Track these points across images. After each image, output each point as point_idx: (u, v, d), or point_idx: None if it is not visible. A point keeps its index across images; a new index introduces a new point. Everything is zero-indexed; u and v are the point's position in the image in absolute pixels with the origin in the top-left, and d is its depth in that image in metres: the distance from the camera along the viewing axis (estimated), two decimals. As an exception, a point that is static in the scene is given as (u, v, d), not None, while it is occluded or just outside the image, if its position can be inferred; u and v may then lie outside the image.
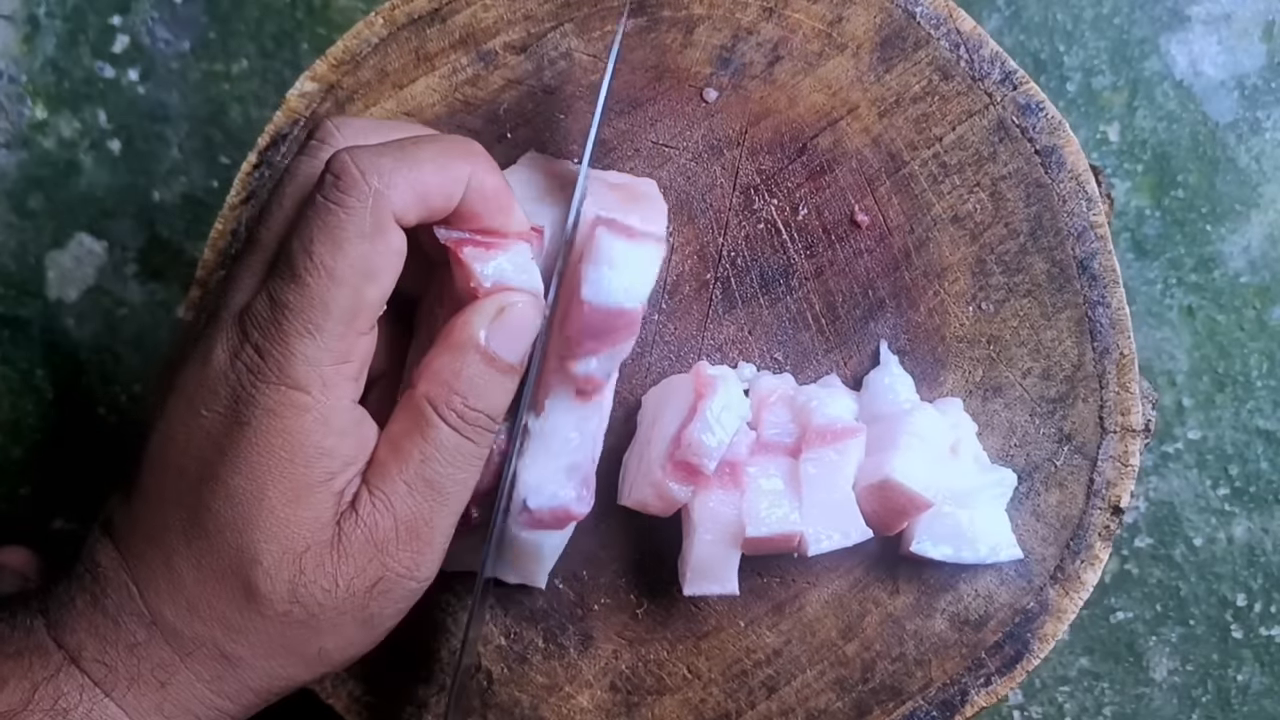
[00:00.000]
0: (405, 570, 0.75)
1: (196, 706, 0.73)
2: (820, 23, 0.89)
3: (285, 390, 0.70)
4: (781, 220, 0.89)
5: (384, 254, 0.71)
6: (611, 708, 0.89)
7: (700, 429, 0.81)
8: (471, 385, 0.75)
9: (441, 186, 0.73)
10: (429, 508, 0.75)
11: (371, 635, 0.77)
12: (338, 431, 0.72)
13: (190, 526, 0.72)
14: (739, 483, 0.83)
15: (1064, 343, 0.89)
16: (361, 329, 0.72)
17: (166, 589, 0.72)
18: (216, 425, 0.71)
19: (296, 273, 0.69)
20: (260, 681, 0.74)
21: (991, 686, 0.88)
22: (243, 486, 0.71)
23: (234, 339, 0.71)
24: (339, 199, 0.69)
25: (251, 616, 0.72)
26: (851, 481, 0.84)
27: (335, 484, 0.72)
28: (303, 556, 0.72)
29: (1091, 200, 0.88)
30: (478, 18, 0.90)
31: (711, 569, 0.84)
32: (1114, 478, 0.88)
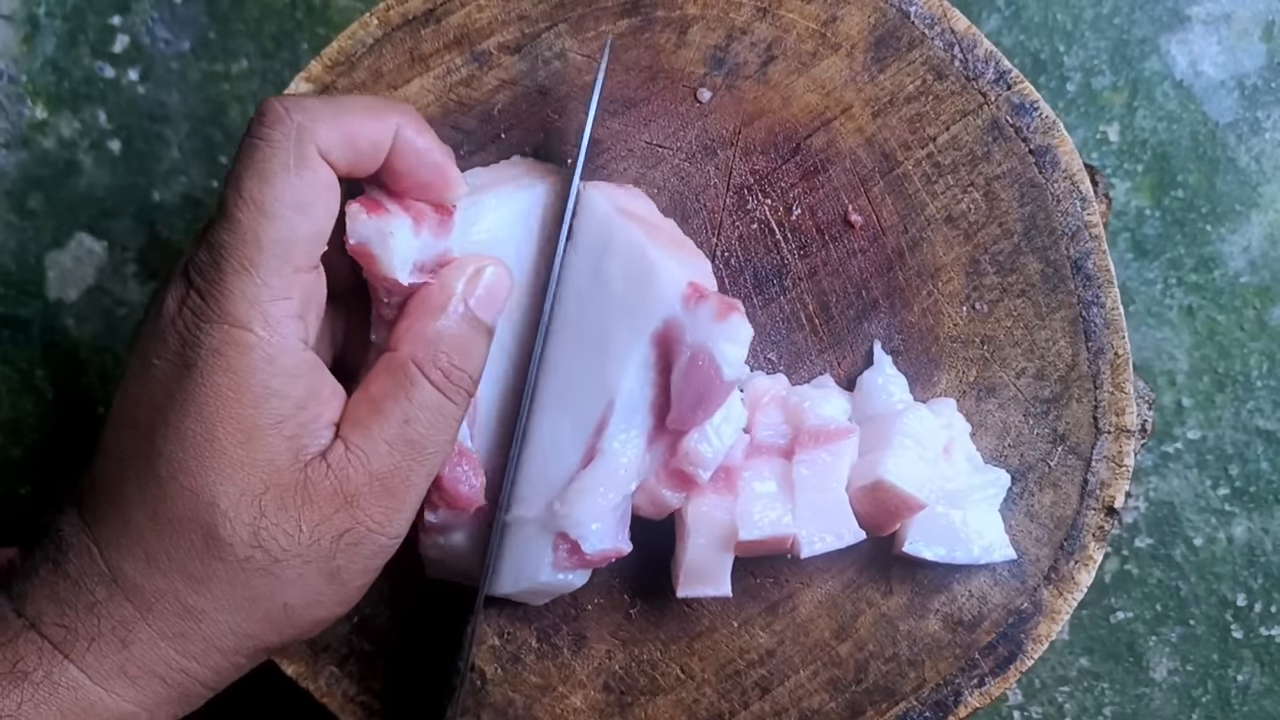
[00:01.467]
0: (376, 524, 0.74)
1: (161, 667, 0.72)
2: (814, 22, 0.89)
3: (227, 328, 0.70)
4: (775, 220, 0.89)
5: (311, 186, 0.72)
6: (605, 708, 0.89)
7: (699, 439, 0.81)
8: (456, 345, 0.77)
9: (368, 130, 0.75)
10: (408, 466, 0.75)
11: (338, 594, 0.76)
12: (285, 371, 0.72)
13: (145, 476, 0.71)
14: (733, 487, 0.83)
15: (1058, 343, 0.89)
16: (299, 264, 0.72)
17: (126, 544, 0.71)
18: (166, 372, 0.72)
19: (228, 211, 0.71)
20: (225, 639, 0.73)
21: (985, 687, 0.88)
22: (192, 428, 0.70)
23: (180, 287, 0.72)
24: (263, 134, 0.71)
25: (212, 564, 0.71)
26: (845, 483, 0.84)
27: (287, 428, 0.72)
28: (262, 498, 0.71)
29: (1086, 200, 0.88)
30: (472, 18, 0.90)
31: (705, 571, 0.84)
32: (1108, 478, 0.88)
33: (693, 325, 0.79)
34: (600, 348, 0.82)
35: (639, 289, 0.80)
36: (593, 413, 0.82)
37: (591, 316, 0.82)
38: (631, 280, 0.81)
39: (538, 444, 0.83)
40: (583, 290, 0.82)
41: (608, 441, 0.81)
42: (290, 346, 0.72)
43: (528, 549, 0.83)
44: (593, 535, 0.81)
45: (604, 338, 0.81)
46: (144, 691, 0.72)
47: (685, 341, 0.79)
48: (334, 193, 0.74)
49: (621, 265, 0.81)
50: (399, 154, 0.77)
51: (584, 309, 0.82)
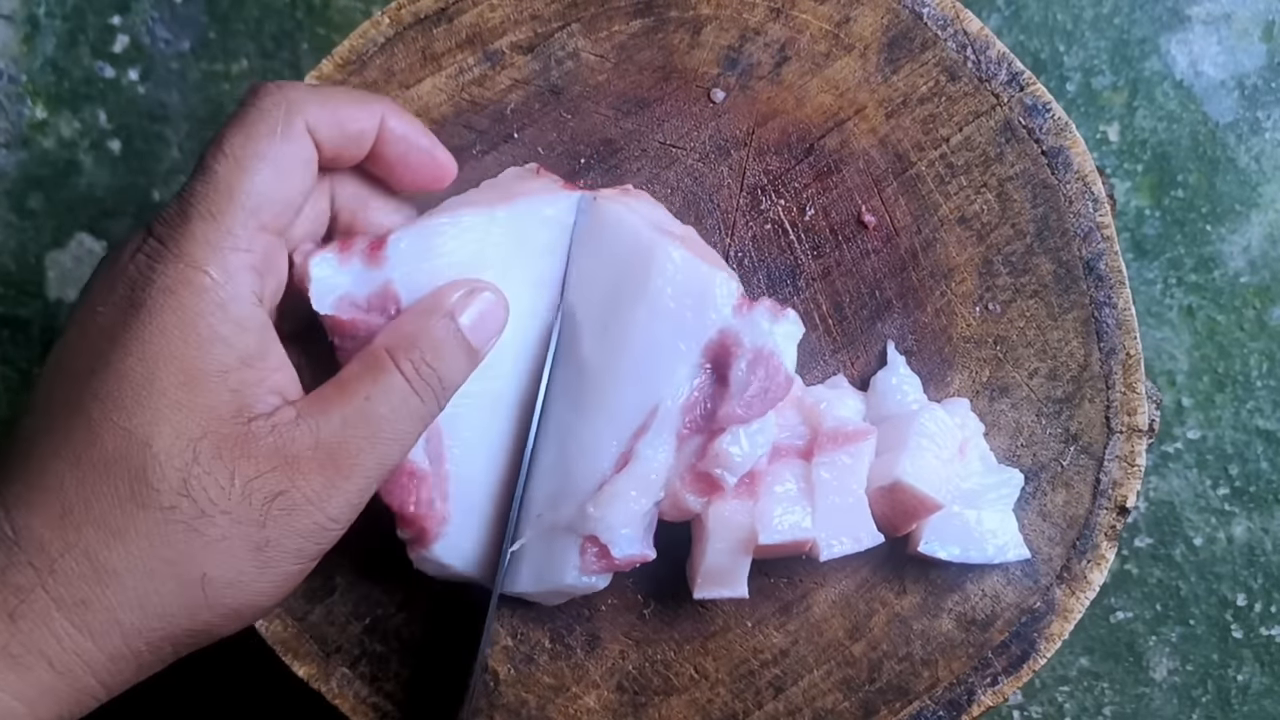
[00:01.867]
0: (314, 494, 0.72)
1: (51, 646, 0.67)
2: (827, 23, 0.89)
3: (183, 268, 0.70)
4: (789, 221, 0.89)
5: (293, 155, 0.73)
6: (618, 708, 0.89)
7: (731, 441, 0.81)
8: (432, 345, 0.76)
9: (354, 115, 0.76)
10: (358, 442, 0.73)
11: (262, 576, 0.72)
12: (235, 320, 0.71)
13: (74, 421, 0.69)
14: (754, 491, 0.84)
15: (1070, 343, 0.89)
16: (265, 222, 0.73)
17: (39, 499, 0.68)
18: (112, 316, 0.71)
19: (205, 165, 0.71)
20: (129, 614, 0.68)
21: (998, 686, 0.88)
22: (134, 368, 0.69)
23: (139, 237, 0.72)
24: (254, 101, 0.73)
25: (134, 512, 0.68)
26: (864, 485, 0.85)
27: (230, 379, 0.71)
28: (198, 444, 0.69)
29: (1098, 201, 0.88)
30: (484, 18, 0.90)
31: (722, 574, 0.84)
32: (1120, 478, 0.89)
33: (750, 329, 0.81)
34: (644, 357, 0.82)
35: (693, 302, 0.82)
36: (634, 419, 0.82)
37: (635, 327, 0.82)
38: (683, 294, 0.82)
39: (564, 450, 0.83)
40: (617, 302, 0.83)
41: (644, 446, 0.81)
42: (243, 296, 0.72)
43: (553, 551, 0.83)
44: (622, 540, 0.82)
45: (650, 347, 0.82)
46: (27, 678, 0.67)
47: (744, 345, 0.81)
48: (312, 171, 0.75)
49: (668, 280, 0.82)
50: (386, 142, 0.78)
51: (622, 321, 0.82)
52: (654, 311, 0.82)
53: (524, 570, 0.85)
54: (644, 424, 0.82)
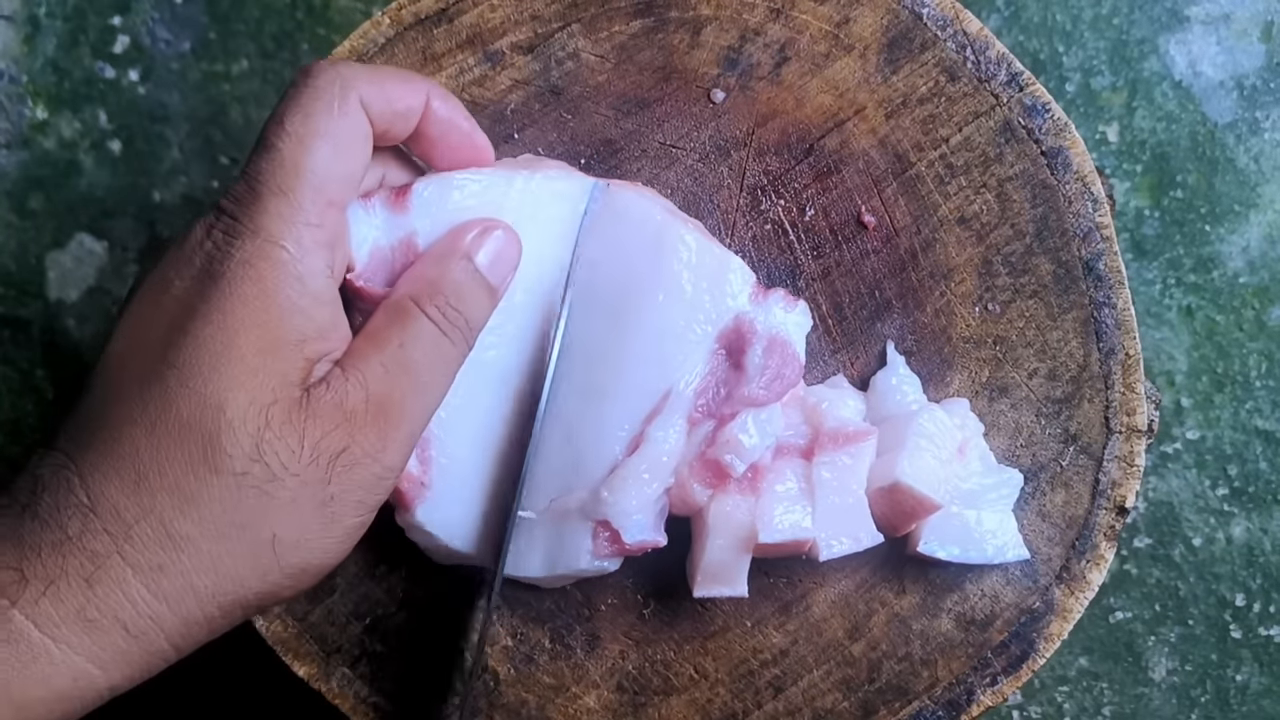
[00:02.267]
0: (371, 447, 0.73)
1: (127, 611, 0.68)
2: (827, 24, 0.89)
3: (261, 242, 0.71)
4: (788, 221, 0.89)
5: (351, 129, 0.74)
6: (618, 708, 0.90)
7: (740, 428, 0.82)
8: (455, 288, 0.78)
9: (403, 93, 0.77)
10: (401, 390, 0.75)
11: (327, 533, 0.73)
12: (312, 294, 0.73)
13: (149, 389, 0.70)
14: (756, 487, 0.84)
15: (1070, 343, 0.89)
16: (332, 197, 0.73)
17: (113, 465, 0.69)
18: (188, 288, 0.72)
19: (269, 143, 0.72)
20: (204, 578, 0.69)
21: (997, 686, 0.88)
22: (213, 335, 0.70)
23: (211, 216, 0.73)
24: (308, 80, 0.73)
25: (207, 478, 0.69)
26: (864, 485, 0.85)
27: (307, 349, 0.72)
28: (270, 409, 0.70)
29: (1097, 201, 0.89)
30: (485, 18, 0.90)
31: (722, 572, 0.84)
32: (1119, 478, 0.89)
33: (764, 315, 0.82)
34: (659, 340, 0.83)
35: (709, 286, 0.83)
36: (646, 402, 0.83)
37: (649, 311, 0.83)
38: (701, 278, 0.83)
39: (572, 434, 0.84)
40: (630, 286, 0.84)
41: (655, 429, 0.82)
42: (318, 270, 0.73)
43: (564, 536, 0.84)
44: (634, 525, 0.82)
45: (664, 330, 0.83)
46: (102, 641, 0.68)
47: (758, 331, 0.82)
48: (369, 145, 0.76)
49: (684, 264, 0.83)
50: (430, 120, 0.79)
51: (635, 305, 0.83)
52: (670, 295, 0.83)
53: (535, 555, 0.85)
54: (657, 407, 0.82)
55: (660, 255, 0.83)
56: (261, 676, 0.82)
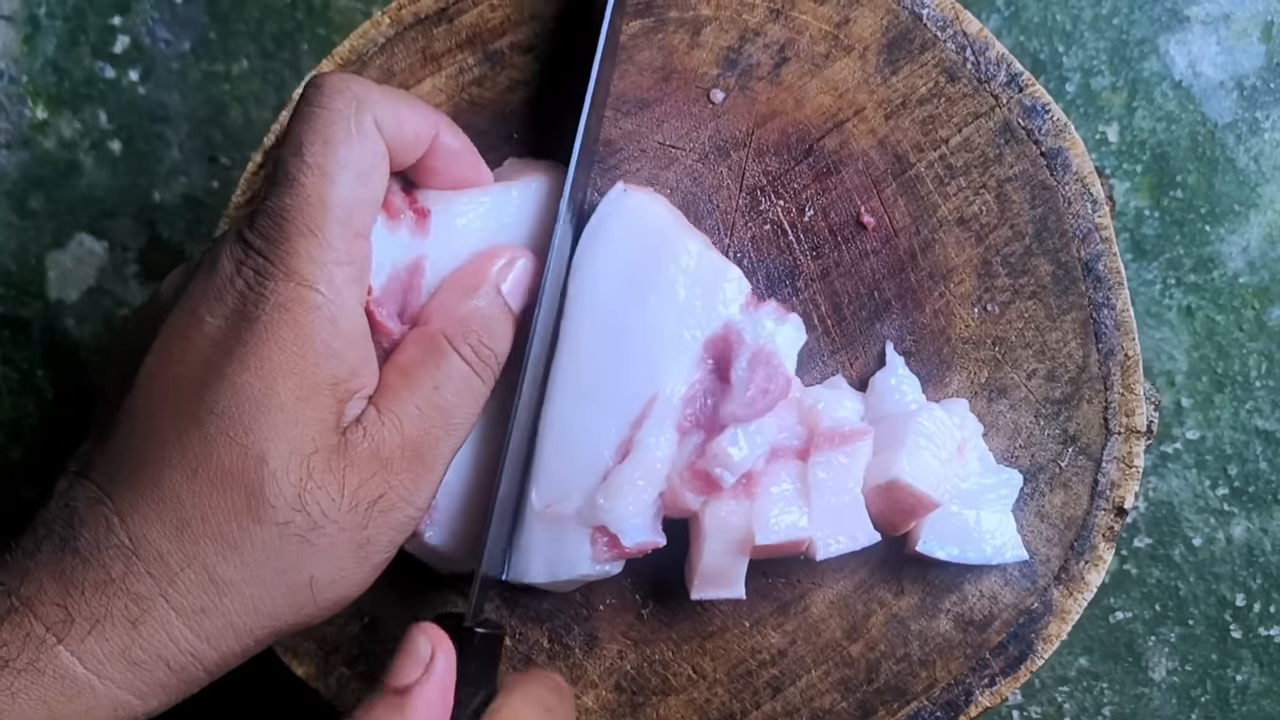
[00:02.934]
0: (407, 491, 0.74)
1: (170, 650, 0.69)
2: (827, 24, 0.89)
3: (294, 286, 0.71)
4: (788, 221, 0.89)
5: (371, 154, 0.74)
6: (617, 708, 0.90)
7: (730, 440, 0.82)
8: (486, 324, 0.79)
9: (415, 122, 0.77)
10: (436, 433, 0.76)
11: (360, 569, 0.75)
12: (346, 335, 0.73)
13: (188, 434, 0.70)
14: (751, 492, 0.84)
15: (1069, 344, 0.89)
16: (359, 229, 0.74)
17: (154, 510, 0.69)
18: (221, 329, 0.71)
19: (291, 176, 0.71)
20: (244, 618, 0.71)
21: (995, 687, 0.88)
22: (251, 383, 0.70)
23: (237, 250, 0.72)
24: (325, 103, 0.73)
25: (250, 527, 0.69)
26: (860, 484, 0.85)
27: (340, 391, 0.73)
28: (311, 459, 0.71)
29: (1097, 202, 0.89)
30: (485, 18, 0.90)
31: (719, 574, 0.84)
32: (1118, 479, 0.89)
33: (753, 327, 0.82)
34: (646, 346, 0.83)
35: (702, 293, 0.83)
36: (632, 407, 0.83)
37: (641, 315, 0.83)
38: (696, 284, 0.83)
39: (565, 440, 0.84)
40: (628, 290, 0.84)
41: (645, 435, 0.82)
42: (352, 310, 0.73)
43: (565, 542, 0.84)
44: (631, 528, 0.82)
45: (654, 335, 0.83)
46: (144, 677, 0.69)
47: (745, 342, 0.82)
48: (386, 165, 0.76)
49: (681, 270, 0.83)
50: (437, 154, 0.80)
51: (630, 309, 0.83)
52: (663, 300, 0.83)
53: (537, 561, 0.85)
54: (643, 412, 0.82)
55: (660, 260, 0.83)
56: (260, 676, 0.82)
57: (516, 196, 0.84)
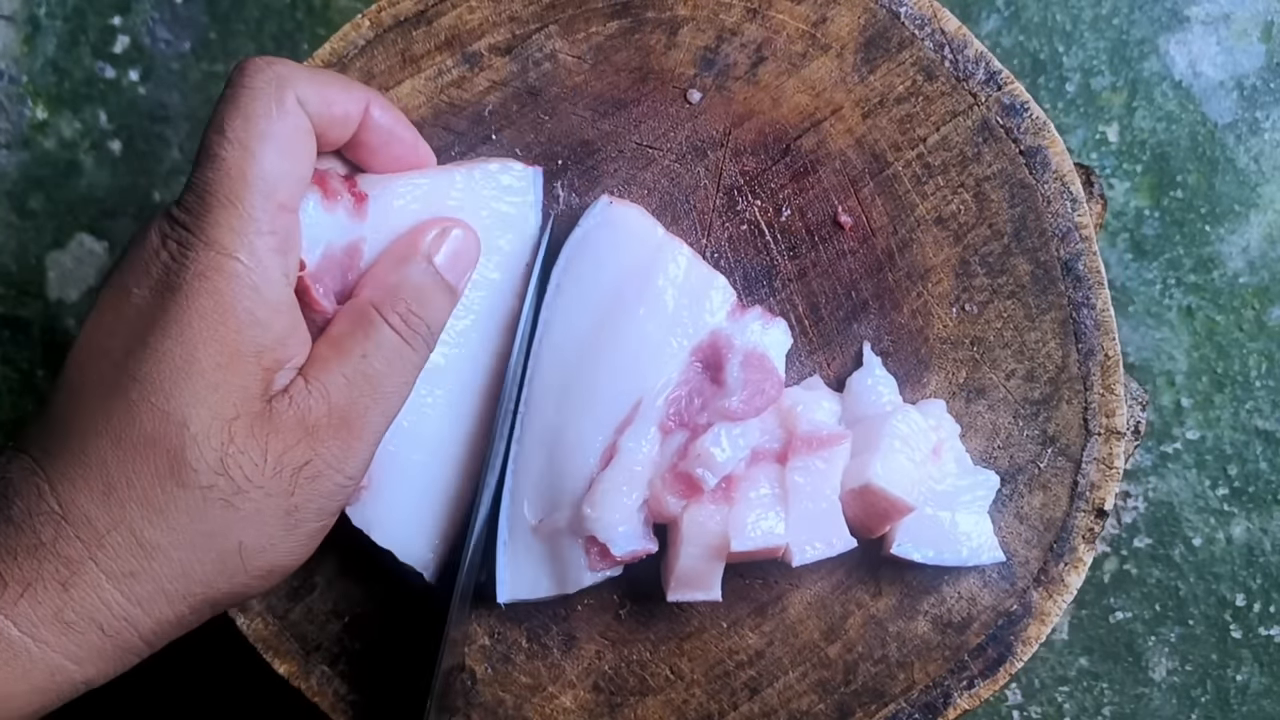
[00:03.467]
0: (334, 459, 0.75)
1: (102, 613, 0.70)
2: (804, 23, 0.89)
3: (215, 255, 0.71)
4: (765, 221, 0.89)
5: (293, 130, 0.75)
6: (594, 708, 0.90)
7: (712, 441, 0.82)
8: (416, 293, 0.79)
9: (342, 99, 0.78)
10: (364, 402, 0.76)
11: (291, 538, 0.75)
12: (270, 304, 0.73)
13: (113, 401, 0.71)
14: (730, 497, 0.84)
15: (1048, 344, 0.89)
16: (282, 201, 0.74)
17: (82, 475, 0.70)
18: (146, 299, 0.72)
19: (212, 152, 0.72)
20: (175, 583, 0.72)
21: (974, 689, 0.88)
22: (172, 349, 0.70)
23: (164, 225, 0.73)
24: (246, 81, 0.74)
25: (174, 491, 0.71)
26: (838, 490, 0.85)
27: (265, 359, 0.73)
28: (233, 424, 0.71)
29: (1076, 201, 0.88)
30: (463, 20, 0.90)
31: (695, 578, 0.84)
32: (1098, 480, 0.88)
33: (741, 332, 0.84)
34: (634, 354, 0.84)
35: (689, 303, 0.84)
36: (618, 412, 0.84)
37: (629, 324, 0.84)
38: (684, 294, 0.84)
39: (553, 452, 0.84)
40: (616, 300, 0.84)
41: (627, 440, 0.82)
42: (274, 280, 0.74)
43: (564, 555, 0.85)
44: (620, 537, 0.83)
45: (640, 343, 0.84)
46: (78, 640, 0.70)
47: (734, 346, 0.83)
48: (312, 141, 0.77)
49: (670, 281, 0.84)
50: (370, 129, 0.81)
51: (616, 319, 0.84)
52: (651, 310, 0.84)
53: (542, 577, 0.86)
54: (628, 417, 0.83)
55: (649, 270, 0.83)
56: (242, 674, 0.82)
57: (460, 180, 0.85)
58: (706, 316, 0.83)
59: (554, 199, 0.90)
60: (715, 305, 0.84)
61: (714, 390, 0.83)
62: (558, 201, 0.90)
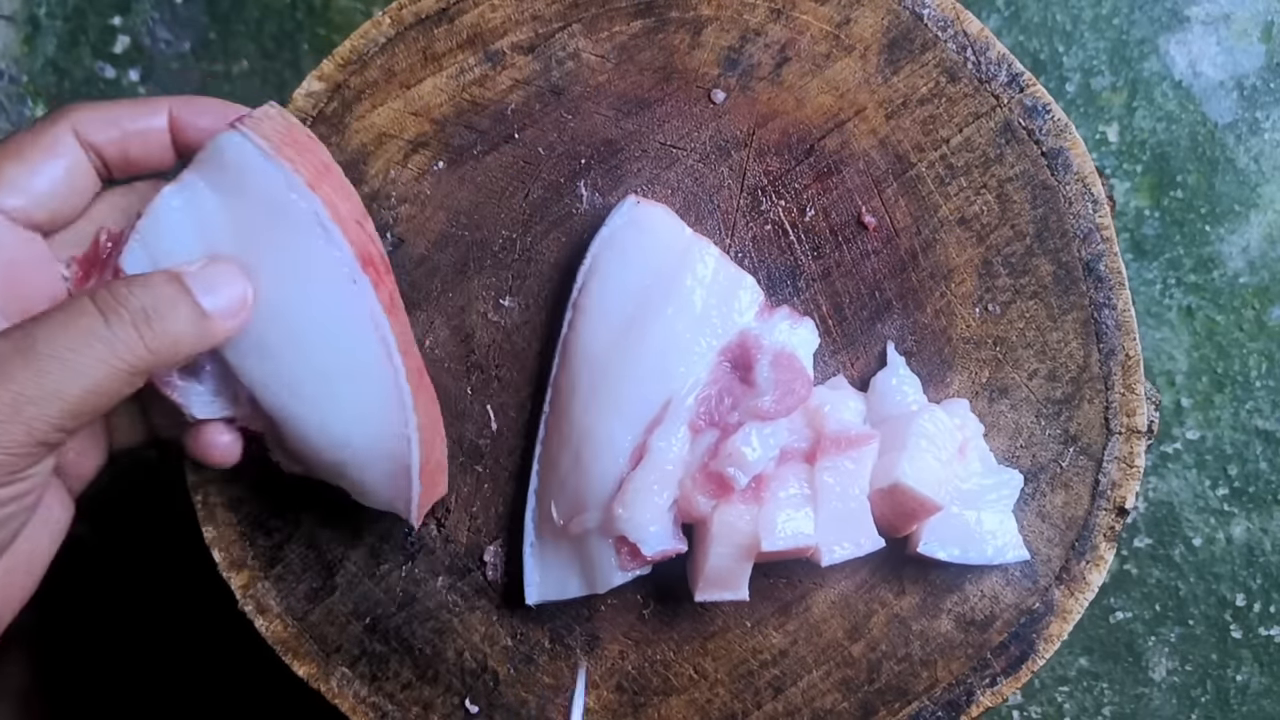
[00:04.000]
0: None
1: None
2: (828, 24, 0.89)
3: None
4: (789, 221, 0.89)
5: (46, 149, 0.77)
6: (618, 708, 0.89)
7: (743, 440, 0.82)
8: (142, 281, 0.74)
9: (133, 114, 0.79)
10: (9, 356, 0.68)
11: None
12: None
13: None
14: (760, 496, 0.83)
15: (1070, 344, 0.89)
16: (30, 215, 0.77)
17: None
18: None
19: None
20: None
21: (997, 686, 0.88)
22: None
23: None
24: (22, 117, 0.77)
25: None
26: (867, 489, 0.85)
27: None
28: None
29: (1097, 202, 0.89)
30: (485, 18, 0.90)
31: (723, 578, 0.84)
32: (1119, 479, 0.89)
33: (769, 332, 0.83)
34: (663, 354, 0.83)
35: (718, 303, 0.84)
36: (647, 411, 0.83)
37: (658, 324, 0.84)
38: (712, 294, 0.84)
39: (580, 451, 0.84)
40: (644, 301, 0.84)
41: (657, 439, 0.82)
42: None
43: (593, 555, 0.85)
44: (651, 537, 0.82)
45: (669, 343, 0.83)
46: None
47: (764, 346, 0.83)
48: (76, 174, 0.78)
49: (698, 281, 0.84)
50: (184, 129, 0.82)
51: (645, 319, 0.84)
52: (680, 310, 0.83)
53: (572, 578, 0.86)
54: (657, 416, 0.83)
55: (678, 270, 0.83)
56: (261, 676, 0.82)
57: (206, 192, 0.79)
58: (735, 316, 0.83)
59: (578, 198, 0.90)
60: (744, 305, 0.84)
61: (744, 390, 0.83)
62: (581, 201, 0.90)
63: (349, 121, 0.90)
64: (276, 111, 0.80)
